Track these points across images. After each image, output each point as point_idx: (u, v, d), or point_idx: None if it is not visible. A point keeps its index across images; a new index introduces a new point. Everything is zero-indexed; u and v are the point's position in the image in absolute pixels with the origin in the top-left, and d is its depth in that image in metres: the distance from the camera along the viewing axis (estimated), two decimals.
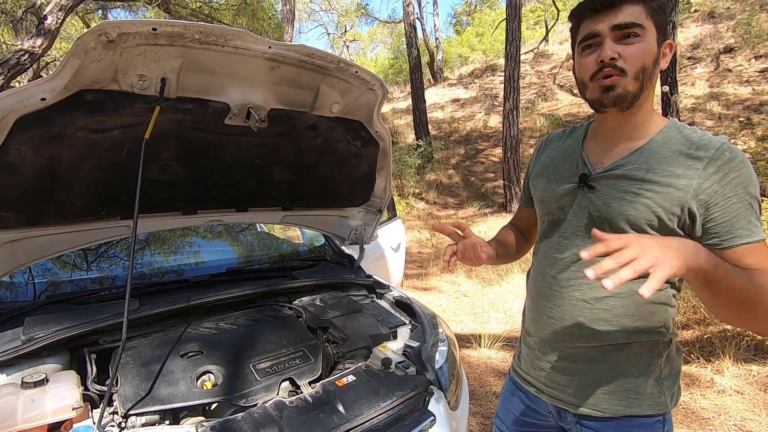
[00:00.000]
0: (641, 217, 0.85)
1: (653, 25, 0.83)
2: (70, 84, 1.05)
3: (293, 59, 1.30)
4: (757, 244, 0.79)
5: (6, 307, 1.46)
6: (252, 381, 1.28)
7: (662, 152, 0.85)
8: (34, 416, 1.10)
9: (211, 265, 2.03)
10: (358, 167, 1.84)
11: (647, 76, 0.84)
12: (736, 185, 0.79)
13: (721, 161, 0.80)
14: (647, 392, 0.92)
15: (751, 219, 0.79)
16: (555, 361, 1.00)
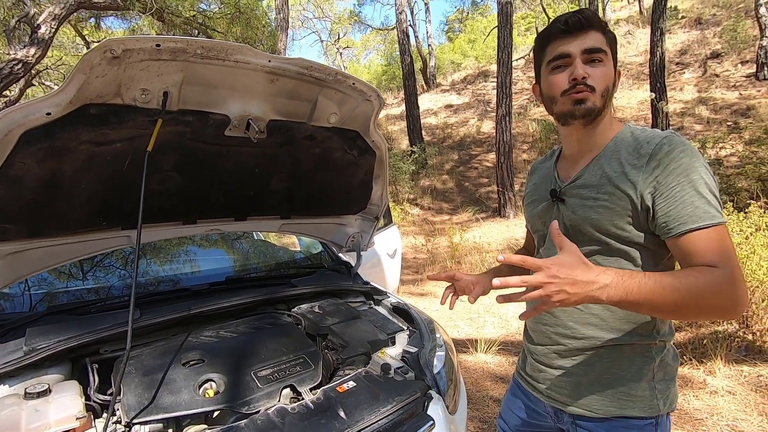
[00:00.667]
0: (603, 220, 0.91)
1: (610, 52, 0.93)
2: (74, 99, 1.07)
3: (292, 72, 1.34)
4: (706, 230, 0.80)
5: (7, 318, 1.46)
6: (253, 388, 1.30)
7: (614, 156, 0.93)
8: (38, 427, 1.10)
9: (210, 273, 2.05)
10: (355, 176, 1.87)
11: (609, 95, 0.93)
12: (678, 174, 0.83)
13: (661, 154, 0.85)
14: (639, 395, 0.94)
15: (697, 204, 0.81)
16: (552, 364, 1.05)
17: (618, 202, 0.89)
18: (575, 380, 1.00)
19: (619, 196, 0.89)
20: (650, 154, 0.86)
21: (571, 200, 0.98)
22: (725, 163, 7.41)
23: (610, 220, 0.90)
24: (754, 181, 6.06)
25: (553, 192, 1.02)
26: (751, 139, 7.75)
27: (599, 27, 0.92)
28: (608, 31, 0.94)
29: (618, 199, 0.89)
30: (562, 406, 1.03)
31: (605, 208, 0.91)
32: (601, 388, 0.97)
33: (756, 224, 3.11)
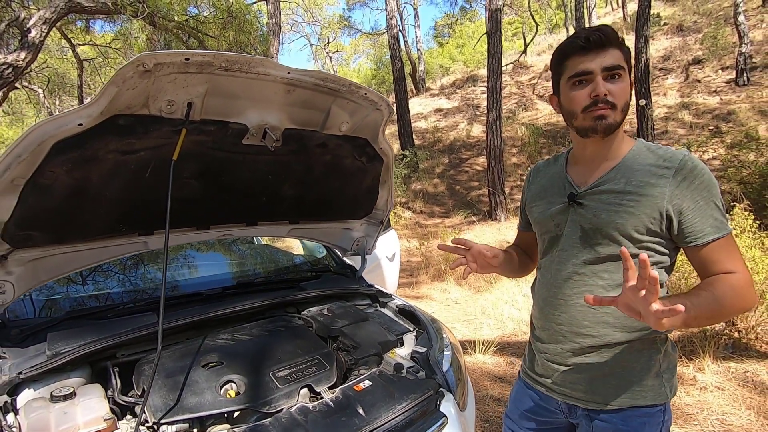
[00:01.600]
0: (628, 224, 0.98)
1: (627, 67, 0.99)
2: (105, 110, 1.11)
3: (308, 83, 1.39)
4: (723, 239, 0.94)
5: (25, 323, 1.49)
6: (273, 389, 1.35)
7: (635, 167, 1.00)
8: (67, 428, 1.14)
9: (221, 278, 2.08)
10: (363, 181, 1.93)
11: (628, 109, 1.00)
12: (702, 190, 0.94)
13: (686, 170, 0.94)
14: (649, 385, 1.01)
15: (717, 217, 0.94)
16: (566, 363, 1.09)
17: (642, 209, 0.96)
18: (590, 376, 1.05)
19: (644, 203, 0.96)
20: (676, 168, 0.95)
21: (592, 204, 1.03)
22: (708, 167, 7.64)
23: (633, 225, 0.97)
24: (736, 184, 6.26)
25: (571, 195, 1.07)
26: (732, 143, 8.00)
27: (617, 43, 0.97)
28: (624, 46, 0.99)
29: (643, 206, 0.96)
30: (577, 402, 1.08)
31: (629, 213, 0.97)
32: (614, 382, 1.03)
33: (740, 226, 3.24)
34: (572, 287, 1.07)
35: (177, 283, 1.98)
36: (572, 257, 1.07)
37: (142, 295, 1.85)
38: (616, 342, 1.02)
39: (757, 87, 10.07)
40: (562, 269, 1.09)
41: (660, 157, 0.98)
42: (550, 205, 1.13)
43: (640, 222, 0.97)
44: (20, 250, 1.31)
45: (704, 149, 8.12)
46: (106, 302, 1.76)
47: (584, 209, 1.04)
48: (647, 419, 1.02)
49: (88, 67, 13.40)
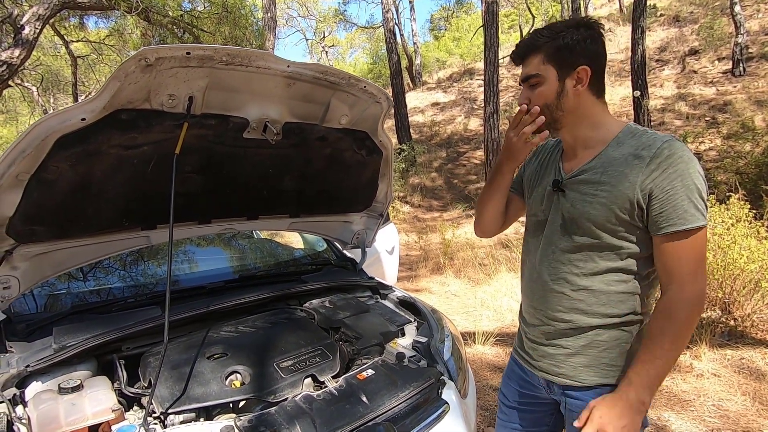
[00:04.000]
0: (600, 215, 0.99)
1: (552, 66, 1.01)
2: (108, 104, 1.12)
3: (308, 76, 1.40)
4: (687, 231, 0.92)
5: (31, 318, 1.50)
6: (278, 379, 1.37)
7: (615, 155, 1.00)
8: (76, 419, 1.16)
9: (223, 272, 2.10)
10: (362, 174, 1.95)
11: (552, 109, 1.03)
12: (674, 179, 0.92)
13: (661, 158, 0.93)
14: (618, 365, 1.05)
15: (686, 208, 0.91)
16: (543, 342, 1.15)
17: (614, 199, 0.97)
18: (563, 355, 1.10)
19: (616, 193, 0.97)
20: (651, 157, 0.94)
21: (571, 194, 1.05)
22: (705, 158, 7.68)
23: (606, 217, 0.98)
24: (733, 174, 6.31)
25: (556, 182, 1.10)
26: (728, 133, 8.04)
27: (537, 49, 1.02)
28: (551, 45, 1.01)
29: (614, 196, 0.97)
30: (553, 379, 1.13)
31: (602, 204, 0.98)
32: (586, 361, 1.07)
33: (736, 216, 3.27)
34: (550, 273, 1.11)
35: (180, 277, 1.99)
36: (552, 244, 1.10)
37: (145, 289, 1.86)
38: (588, 326, 1.06)
39: (754, 77, 10.09)
40: (543, 255, 1.13)
41: (641, 144, 0.97)
42: (542, 188, 1.16)
43: (611, 213, 0.98)
44: (25, 245, 1.32)
45: (701, 140, 8.16)
46: (110, 296, 1.77)
47: (565, 197, 1.07)
48: None
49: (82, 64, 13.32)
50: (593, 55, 1.01)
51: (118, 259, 1.98)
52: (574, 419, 1.05)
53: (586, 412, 0.98)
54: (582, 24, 1.02)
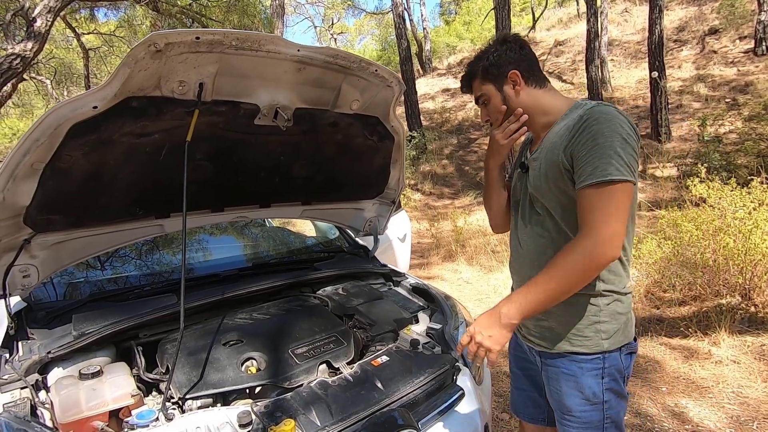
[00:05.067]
0: (545, 186, 1.11)
1: (489, 82, 1.18)
2: (119, 92, 1.12)
3: (319, 61, 1.38)
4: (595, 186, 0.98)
5: (51, 306, 1.53)
6: (293, 365, 1.38)
7: (556, 130, 1.12)
8: (96, 404, 1.18)
9: (237, 260, 2.11)
10: (374, 161, 1.92)
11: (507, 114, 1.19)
12: (587, 139, 1.00)
13: (580, 123, 1.03)
14: (586, 335, 1.13)
15: (597, 164, 0.98)
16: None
17: (552, 169, 1.09)
18: (539, 324, 1.21)
19: (550, 164, 1.09)
20: (574, 124, 1.05)
21: (531, 172, 1.17)
22: (724, 140, 7.46)
23: (548, 186, 1.10)
24: (754, 157, 6.12)
25: (522, 164, 1.24)
26: (750, 115, 7.79)
27: (474, 76, 1.21)
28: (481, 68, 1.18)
29: (549, 167, 1.09)
30: (533, 345, 1.26)
31: (544, 175, 1.11)
32: (558, 330, 1.17)
33: (759, 199, 3.18)
34: (523, 246, 1.23)
35: (194, 265, 2.01)
36: (524, 219, 1.23)
37: (161, 277, 1.88)
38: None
39: None
40: (520, 230, 1.25)
41: (575, 116, 1.07)
42: (516, 173, 1.30)
43: (550, 181, 1.10)
44: (42, 234, 1.34)
45: (720, 122, 7.93)
46: (127, 285, 1.80)
47: (528, 176, 1.19)
48: (584, 364, 1.14)
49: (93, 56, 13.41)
50: (516, 59, 1.16)
51: (134, 248, 2.00)
52: (551, 385, 1.20)
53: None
54: (500, 41, 1.19)
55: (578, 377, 1.15)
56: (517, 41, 1.18)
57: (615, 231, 0.98)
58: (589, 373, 1.14)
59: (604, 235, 0.97)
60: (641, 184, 7.04)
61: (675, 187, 6.54)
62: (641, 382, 2.63)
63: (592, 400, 1.14)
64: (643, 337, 3.12)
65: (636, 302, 3.56)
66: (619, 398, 1.17)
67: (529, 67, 1.16)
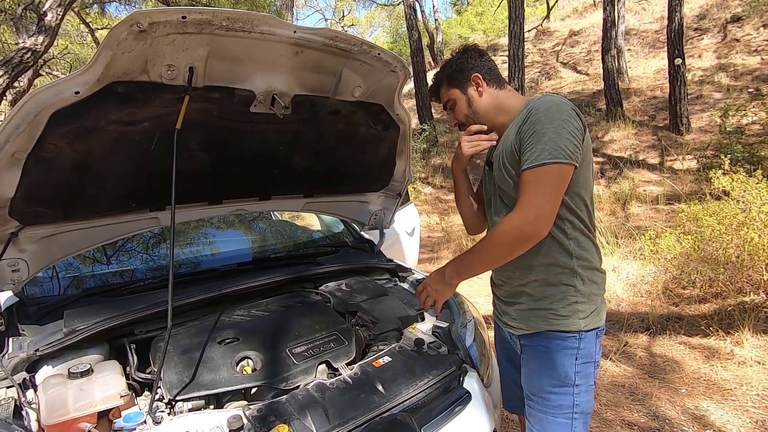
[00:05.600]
0: (505, 176, 1.19)
1: (454, 87, 1.29)
2: (102, 76, 1.05)
3: (317, 43, 1.29)
4: (532, 170, 1.08)
5: (43, 301, 1.48)
6: (290, 365, 1.31)
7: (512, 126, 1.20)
8: (84, 405, 1.12)
9: (237, 254, 2.05)
10: (378, 151, 1.84)
11: (471, 116, 1.29)
12: (529, 128, 1.10)
13: (525, 114, 1.14)
14: (562, 314, 1.19)
15: (533, 149, 1.08)
16: (503, 299, 1.35)
17: (510, 159, 1.17)
18: (517, 308, 1.28)
19: (508, 154, 1.17)
20: (522, 117, 1.15)
21: (495, 167, 1.25)
22: (747, 132, 7.19)
23: (509, 175, 1.18)
24: None
25: (488, 162, 1.32)
26: None
27: (440, 84, 1.32)
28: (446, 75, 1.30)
29: (508, 156, 1.17)
30: (512, 330, 1.32)
31: (504, 167, 1.19)
32: (535, 311, 1.23)
33: None
34: None
35: (192, 259, 1.95)
36: (496, 212, 1.30)
37: (157, 272, 1.83)
38: (534, 279, 1.23)
39: None
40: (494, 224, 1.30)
41: (525, 110, 1.16)
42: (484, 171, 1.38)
43: (509, 171, 1.17)
44: (30, 227, 1.29)
45: (743, 113, 7.64)
46: (122, 279, 1.75)
47: (492, 172, 1.27)
48: (560, 342, 1.20)
49: None
50: (477, 64, 1.27)
51: (129, 242, 1.95)
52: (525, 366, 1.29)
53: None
54: (461, 51, 1.31)
55: (552, 353, 1.20)
56: (476, 50, 1.30)
57: (544, 212, 1.08)
58: (565, 351, 1.19)
59: (533, 214, 1.08)
60: (658, 177, 6.83)
61: (695, 180, 6.32)
62: (659, 383, 2.52)
63: (564, 380, 1.19)
64: (661, 336, 3.00)
65: (654, 299, 3.43)
66: (588, 386, 1.22)
67: (489, 71, 1.27)
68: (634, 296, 3.62)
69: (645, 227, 4.71)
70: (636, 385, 2.51)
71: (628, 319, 3.22)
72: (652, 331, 3.04)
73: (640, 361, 2.76)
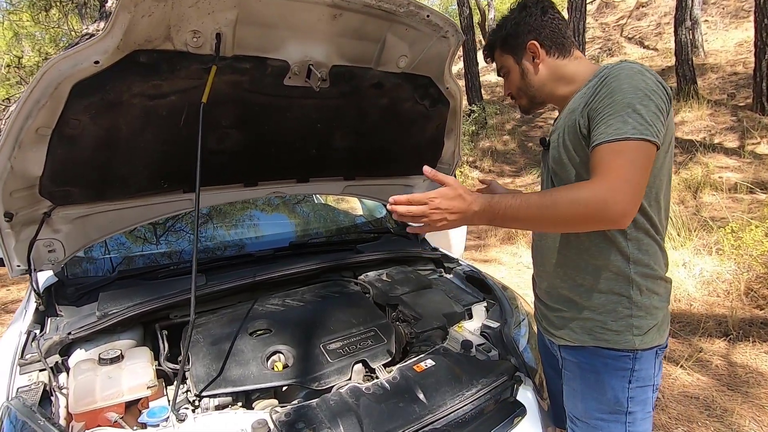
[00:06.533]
0: (564, 155, 1.01)
1: (508, 55, 1.11)
2: (122, 44, 0.96)
3: (358, 4, 1.14)
4: (610, 144, 0.86)
5: (82, 282, 1.47)
6: (323, 363, 1.20)
7: (576, 97, 1.01)
8: (111, 394, 1.08)
9: (273, 239, 1.97)
10: (425, 130, 1.67)
11: (524, 90, 1.12)
12: (604, 97, 0.90)
13: (598, 81, 0.93)
14: (613, 329, 1.00)
15: (611, 123, 0.87)
16: (544, 302, 1.16)
17: (570, 137, 0.98)
18: (560, 315, 1.09)
19: (570, 131, 0.98)
20: (593, 84, 0.95)
21: (551, 146, 1.07)
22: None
23: (568, 155, 0.99)
24: None
25: (543, 140, 1.13)
26: None
27: (494, 47, 1.13)
28: (500, 38, 1.11)
29: (570, 134, 0.98)
30: (552, 338, 1.14)
31: (564, 145, 1.00)
32: (581, 322, 1.05)
33: None
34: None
35: (227, 243, 1.89)
36: None
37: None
38: (579, 283, 1.04)
39: None
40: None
41: (597, 78, 0.96)
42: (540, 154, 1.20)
43: (570, 150, 0.99)
44: (62, 207, 1.25)
45: None
46: (158, 261, 1.71)
47: (548, 152, 1.09)
48: (610, 362, 1.01)
49: None
50: (535, 27, 1.06)
51: (166, 223, 1.92)
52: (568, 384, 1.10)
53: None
54: (518, 7, 1.09)
55: (600, 374, 1.02)
56: (539, 4, 1.07)
57: (637, 194, 0.85)
58: (615, 373, 1.01)
59: (627, 192, 0.83)
60: (737, 162, 6.13)
61: None
62: (741, 398, 2.21)
63: (613, 407, 1.01)
64: (743, 343, 2.65)
65: (733, 300, 3.04)
66: (645, 413, 1.03)
67: (552, 35, 1.05)
68: (708, 296, 3.24)
69: (721, 218, 4.21)
70: (712, 398, 2.22)
71: (702, 322, 2.88)
72: (731, 337, 2.69)
73: (717, 370, 2.45)
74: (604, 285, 1.00)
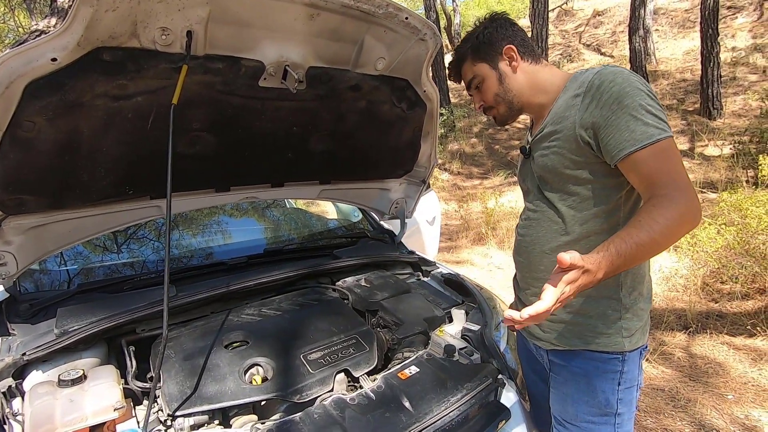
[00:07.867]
0: (557, 163, 1.01)
1: (480, 61, 1.10)
2: (83, 40, 0.89)
3: (336, 5, 1.11)
4: (644, 150, 0.86)
5: (37, 297, 1.36)
6: (305, 374, 1.16)
7: (560, 104, 1.01)
8: (73, 419, 0.99)
9: (247, 245, 1.90)
10: (402, 133, 1.66)
11: (503, 95, 1.10)
12: (610, 104, 0.89)
13: (593, 89, 0.93)
14: (603, 332, 1.02)
15: (633, 128, 0.87)
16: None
17: (565, 145, 0.98)
18: (549, 320, 1.05)
19: (563, 138, 0.98)
20: (584, 92, 0.94)
21: (535, 154, 1.08)
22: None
23: (562, 163, 0.99)
24: None
25: (523, 149, 1.14)
26: None
27: (463, 59, 1.13)
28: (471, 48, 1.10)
29: (563, 141, 0.98)
30: (538, 342, 1.13)
31: (556, 153, 1.00)
32: (570, 326, 1.05)
33: None
34: (533, 234, 1.10)
35: (198, 251, 1.81)
36: (533, 205, 1.12)
37: (162, 265, 1.69)
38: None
39: None
40: (525, 217, 1.15)
41: (577, 85, 0.97)
42: (519, 161, 1.21)
43: (566, 158, 0.99)
44: (15, 216, 1.15)
45: None
46: (122, 273, 1.61)
47: (533, 160, 1.09)
48: (600, 365, 1.02)
49: None
50: (508, 35, 1.08)
51: (130, 232, 1.81)
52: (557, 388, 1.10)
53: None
54: (489, 20, 1.12)
55: (591, 378, 1.03)
56: (506, 18, 1.12)
57: (694, 190, 0.86)
58: (605, 376, 1.03)
59: (691, 192, 0.84)
60: (688, 164, 6.48)
61: (729, 167, 5.96)
62: (702, 388, 2.32)
63: (604, 408, 1.03)
64: (701, 335, 2.78)
65: (691, 294, 3.20)
66: (631, 413, 1.06)
67: (523, 43, 1.09)
68: (668, 291, 3.39)
69: None
70: (677, 390, 2.31)
71: (664, 316, 3.01)
72: (690, 330, 2.82)
73: (680, 362, 2.56)
74: (595, 290, 0.94)
